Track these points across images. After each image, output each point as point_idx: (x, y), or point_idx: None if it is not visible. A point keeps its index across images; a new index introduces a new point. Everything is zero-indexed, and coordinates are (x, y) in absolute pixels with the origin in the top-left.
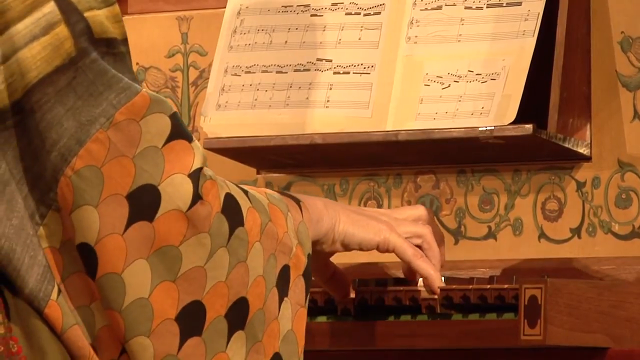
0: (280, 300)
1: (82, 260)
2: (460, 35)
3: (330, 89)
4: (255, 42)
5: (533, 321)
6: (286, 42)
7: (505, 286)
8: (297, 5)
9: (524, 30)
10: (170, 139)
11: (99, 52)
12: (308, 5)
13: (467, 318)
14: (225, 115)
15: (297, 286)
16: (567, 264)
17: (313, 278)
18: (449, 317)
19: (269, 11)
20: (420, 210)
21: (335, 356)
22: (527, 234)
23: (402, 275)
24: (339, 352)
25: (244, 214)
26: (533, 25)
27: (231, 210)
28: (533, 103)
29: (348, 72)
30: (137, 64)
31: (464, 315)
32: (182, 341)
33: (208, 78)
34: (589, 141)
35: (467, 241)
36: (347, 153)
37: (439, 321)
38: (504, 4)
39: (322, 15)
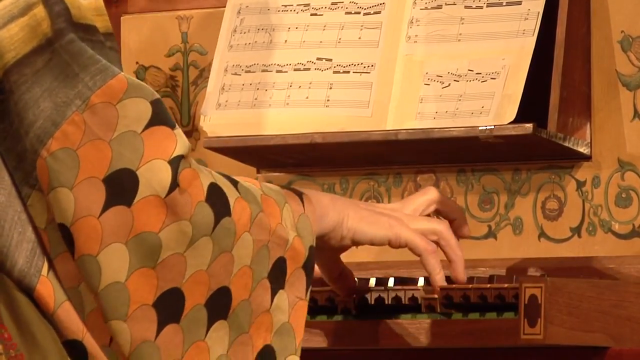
0: (274, 292)
1: (63, 239)
2: (460, 34)
3: (330, 88)
4: (255, 41)
5: (533, 320)
6: (286, 41)
7: (506, 285)
8: (297, 5)
9: (524, 30)
10: (150, 124)
11: (77, 36)
12: (308, 5)
13: (467, 317)
14: (225, 115)
15: (296, 278)
16: (567, 263)
17: (320, 275)
18: (449, 317)
19: (269, 10)
20: (430, 194)
21: (335, 356)
22: (527, 233)
23: (402, 275)
24: (339, 352)
25: (231, 204)
26: (533, 25)
27: (216, 200)
28: (533, 102)
29: (348, 72)
30: (137, 63)
31: (464, 314)
32: (160, 328)
33: (208, 77)
34: (589, 140)
35: (467, 240)
36: (347, 152)
37: (439, 321)
38: (504, 3)
39: (322, 15)
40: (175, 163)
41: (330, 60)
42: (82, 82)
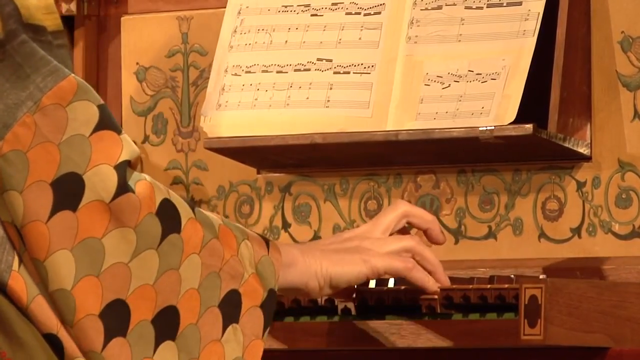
0: (226, 324)
1: (21, 239)
2: (460, 35)
3: (331, 88)
4: (256, 42)
5: (533, 321)
6: (286, 41)
7: (506, 286)
8: (297, 5)
9: (524, 30)
10: (97, 128)
11: (28, 37)
12: (308, 5)
13: (468, 318)
14: (225, 115)
15: (252, 316)
16: (568, 263)
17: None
18: (449, 317)
19: (269, 11)
20: (399, 208)
21: (335, 356)
22: (527, 234)
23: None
24: (339, 352)
25: (182, 223)
26: (533, 25)
27: (166, 215)
28: (533, 103)
29: (348, 72)
30: (138, 63)
31: (464, 315)
32: (107, 340)
33: (208, 78)
34: (589, 141)
35: (467, 241)
36: (348, 153)
37: (439, 321)
38: (504, 4)
39: (322, 15)
40: (122, 168)
41: (331, 60)
42: (33, 83)
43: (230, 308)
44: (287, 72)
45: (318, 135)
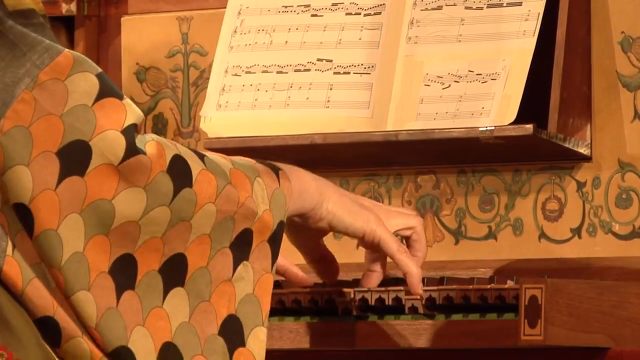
0: (236, 263)
1: (20, 220)
2: (460, 35)
3: (331, 89)
4: (256, 42)
5: (533, 321)
6: (286, 42)
7: (506, 286)
8: (298, 6)
9: (524, 31)
10: (99, 97)
11: (17, 22)
12: (308, 6)
13: (468, 318)
14: (225, 116)
15: (261, 251)
16: (568, 264)
17: (303, 259)
18: (449, 317)
19: (269, 11)
20: (412, 211)
21: (336, 356)
22: (527, 234)
23: (402, 275)
24: (339, 352)
25: (194, 176)
26: (533, 26)
27: (178, 171)
28: (533, 103)
29: (348, 72)
30: (137, 64)
31: (464, 315)
32: (119, 294)
33: (208, 78)
34: (589, 141)
35: (467, 241)
36: (348, 153)
37: (439, 321)
38: (504, 4)
39: (322, 16)
40: (129, 132)
41: (331, 61)
42: (29, 60)
43: (242, 246)
44: (287, 73)
45: (318, 135)
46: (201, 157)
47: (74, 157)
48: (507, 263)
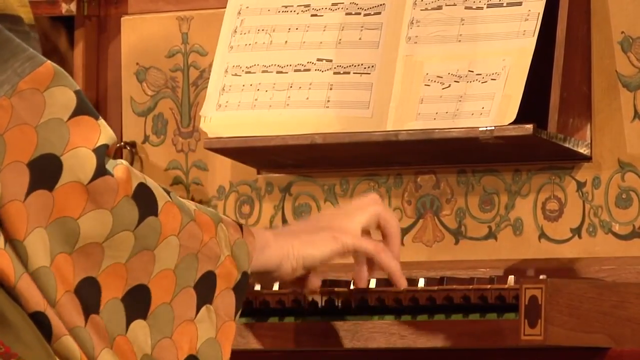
0: (200, 304)
1: None
2: (460, 35)
3: (331, 89)
4: (256, 42)
5: (533, 321)
6: (286, 42)
7: (506, 286)
8: (297, 5)
9: (524, 30)
10: (75, 113)
11: (4, 26)
12: (308, 5)
13: (468, 318)
14: (225, 116)
15: (225, 298)
16: (568, 264)
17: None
18: (449, 317)
19: (269, 11)
20: (370, 197)
21: (336, 356)
22: (527, 234)
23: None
24: (339, 352)
25: (159, 206)
26: (533, 25)
27: (143, 198)
28: (533, 103)
29: (348, 72)
30: (138, 64)
31: (464, 315)
32: (86, 316)
33: (208, 78)
34: (589, 141)
35: (467, 241)
36: (348, 153)
37: (439, 321)
38: (504, 4)
39: (322, 15)
40: (100, 152)
41: (331, 61)
42: (11, 68)
43: (205, 289)
44: (287, 73)
45: (318, 135)
46: (167, 191)
47: (45, 171)
48: (507, 263)
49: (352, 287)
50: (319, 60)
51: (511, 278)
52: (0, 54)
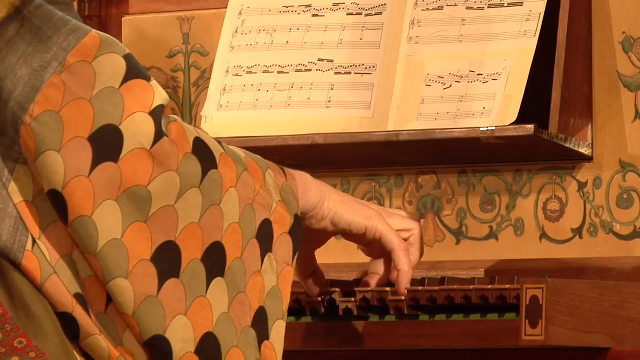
0: (263, 255)
1: (55, 207)
2: (461, 35)
3: (332, 89)
4: (257, 43)
5: (534, 321)
6: (287, 42)
7: (507, 286)
8: (299, 6)
9: (526, 31)
10: (126, 78)
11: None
12: (309, 6)
13: (469, 318)
14: (226, 116)
15: (283, 244)
16: (569, 264)
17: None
18: (450, 318)
19: (271, 11)
20: (413, 215)
21: (336, 356)
22: (528, 234)
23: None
24: (339, 353)
25: (217, 158)
26: (534, 26)
27: (202, 152)
28: (534, 103)
29: (349, 73)
30: None
31: (465, 315)
32: (161, 283)
33: (209, 78)
34: (591, 141)
35: (468, 241)
36: (349, 153)
37: (440, 321)
38: (506, 5)
39: (323, 16)
40: (157, 113)
41: (332, 61)
42: (56, 44)
43: (265, 238)
44: (288, 73)
45: (319, 135)
46: (219, 142)
47: (106, 143)
48: (508, 263)
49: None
50: (320, 60)
51: (512, 278)
52: (43, 32)
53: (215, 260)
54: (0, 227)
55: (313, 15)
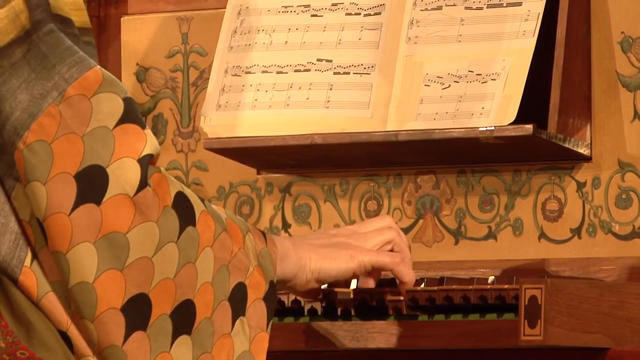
0: (234, 318)
1: (41, 234)
2: (460, 35)
3: (331, 89)
4: (256, 43)
5: (533, 321)
6: (286, 42)
7: (506, 286)
8: (297, 6)
9: (524, 31)
10: (121, 121)
11: (55, 27)
12: (308, 6)
13: (468, 318)
14: (225, 116)
15: (257, 309)
16: (567, 264)
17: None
18: (449, 318)
19: (269, 11)
20: (386, 221)
21: (335, 356)
22: (527, 234)
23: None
24: (339, 353)
25: (196, 215)
26: (533, 26)
27: (182, 208)
28: (533, 103)
29: (348, 73)
30: (137, 64)
31: (464, 315)
32: (128, 333)
33: (208, 78)
34: (589, 141)
35: (467, 241)
36: (348, 153)
37: (439, 321)
38: (504, 4)
39: (322, 16)
40: (144, 162)
41: (331, 61)
42: (58, 73)
43: (238, 301)
44: (287, 73)
45: (318, 135)
46: (201, 199)
47: (92, 184)
48: (507, 263)
49: (353, 287)
50: (319, 60)
51: (511, 278)
52: (48, 59)
53: (183, 318)
54: (0, 241)
55: (312, 15)
